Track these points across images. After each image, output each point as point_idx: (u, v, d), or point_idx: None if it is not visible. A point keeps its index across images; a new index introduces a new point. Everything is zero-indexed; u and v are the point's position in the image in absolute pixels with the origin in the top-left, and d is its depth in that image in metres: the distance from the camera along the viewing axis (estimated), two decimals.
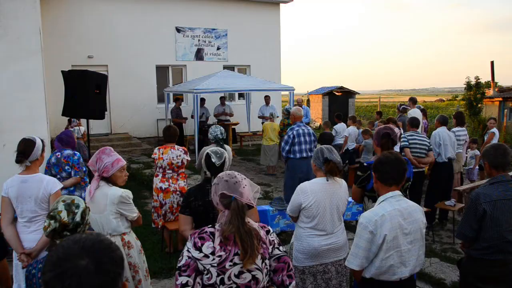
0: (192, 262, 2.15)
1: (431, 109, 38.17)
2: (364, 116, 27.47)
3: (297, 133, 6.74)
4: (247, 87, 12.86)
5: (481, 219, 3.15)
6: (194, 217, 3.34)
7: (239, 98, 16.74)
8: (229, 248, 2.16)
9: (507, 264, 3.23)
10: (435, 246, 6.41)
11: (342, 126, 10.57)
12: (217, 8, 15.82)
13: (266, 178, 10.45)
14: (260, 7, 16.68)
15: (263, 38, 16.70)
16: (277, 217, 6.19)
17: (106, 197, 3.50)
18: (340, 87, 23.47)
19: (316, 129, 21.10)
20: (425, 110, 10.67)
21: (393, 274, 2.68)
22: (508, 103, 22.75)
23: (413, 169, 6.44)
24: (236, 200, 2.20)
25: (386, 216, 2.65)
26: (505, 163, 3.25)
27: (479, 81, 17.79)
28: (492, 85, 25.41)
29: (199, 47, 15.76)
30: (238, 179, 2.28)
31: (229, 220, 2.17)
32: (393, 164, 2.79)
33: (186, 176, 5.96)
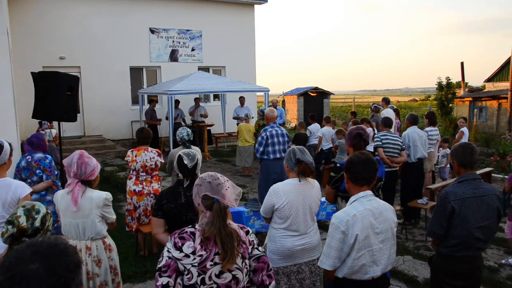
0: (173, 263, 2.14)
1: (405, 109, 38.85)
2: (339, 116, 27.77)
3: (271, 134, 6.77)
4: (222, 88, 12.85)
5: (450, 217, 3.21)
6: (166, 220, 3.33)
7: (214, 99, 16.72)
8: (209, 247, 2.16)
9: (475, 260, 3.32)
10: (408, 244, 6.51)
11: (316, 127, 10.65)
12: (191, 9, 15.76)
13: (241, 179, 10.45)
14: (235, 8, 16.69)
15: (238, 39, 16.71)
16: (252, 218, 6.19)
17: (91, 200, 3.49)
18: (315, 88, 23.65)
19: (291, 129, 21.21)
20: (398, 110, 10.85)
21: (365, 273, 2.71)
22: (478, 103, 23.34)
23: (387, 169, 6.55)
24: (219, 202, 2.20)
25: (357, 216, 2.68)
26: (472, 161, 3.32)
27: (450, 81, 18.20)
28: (462, 85, 26.04)
29: (173, 48, 15.67)
30: (221, 181, 2.29)
31: (211, 222, 2.17)
32: (364, 164, 2.82)
33: (160, 178, 5.92)
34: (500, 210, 3.30)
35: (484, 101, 23.16)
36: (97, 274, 3.53)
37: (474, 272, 3.34)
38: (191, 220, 3.23)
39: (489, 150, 15.14)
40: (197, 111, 14.01)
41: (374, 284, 2.77)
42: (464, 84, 26.57)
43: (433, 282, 3.53)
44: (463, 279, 3.31)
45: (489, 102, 22.84)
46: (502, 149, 13.70)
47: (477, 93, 24.77)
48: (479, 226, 3.20)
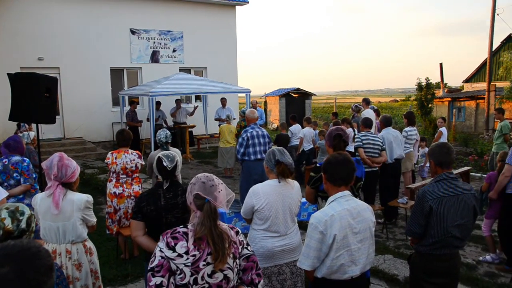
0: (165, 262, 2.15)
1: (386, 109, 39.27)
2: (321, 117, 27.93)
3: (251, 135, 6.78)
4: (203, 89, 12.82)
5: (428, 215, 3.25)
6: (146, 223, 3.30)
7: (196, 101, 16.66)
8: (202, 248, 2.18)
9: (453, 258, 3.36)
10: (389, 243, 6.58)
11: (297, 128, 10.69)
12: (172, 10, 15.70)
13: (223, 181, 10.30)
14: (216, 9, 16.67)
15: (219, 40, 16.70)
16: (233, 220, 6.20)
17: (72, 203, 3.47)
18: (297, 89, 23.75)
19: (273, 130, 21.26)
20: (378, 110, 10.95)
21: (344, 273, 2.73)
22: (456, 103, 23.74)
23: (367, 169, 6.61)
24: (210, 203, 2.22)
25: (335, 216, 2.69)
26: (449, 161, 3.37)
27: (429, 82, 18.48)
28: (441, 86, 26.46)
29: (154, 49, 15.58)
30: (215, 183, 2.32)
31: (201, 222, 2.19)
32: (341, 164, 2.84)
33: (141, 180, 5.87)
34: (476, 209, 3.36)
35: (462, 102, 23.58)
36: (77, 278, 3.49)
37: (452, 269, 3.39)
38: (170, 223, 3.22)
39: (467, 149, 15.40)
40: (178, 113, 13.95)
41: (353, 284, 2.79)
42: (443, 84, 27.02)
43: (412, 280, 3.57)
44: (441, 277, 3.35)
45: (467, 102, 23.26)
46: (480, 148, 13.95)
47: (456, 94, 25.21)
48: (456, 225, 3.25)
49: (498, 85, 21.13)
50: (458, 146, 16.47)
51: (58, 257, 3.41)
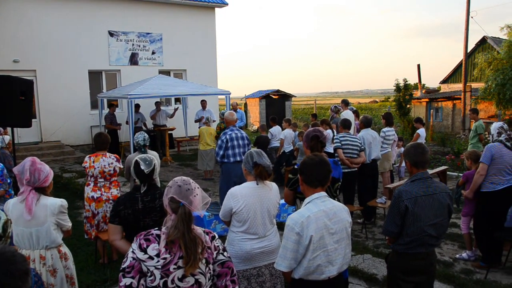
0: (137, 264, 2.15)
1: (365, 110, 39.69)
2: (301, 118, 28.08)
3: (230, 137, 6.79)
4: (183, 91, 12.77)
5: (404, 215, 3.30)
6: (124, 226, 3.28)
7: (176, 103, 16.58)
8: (174, 251, 2.17)
9: (429, 256, 3.42)
10: (368, 243, 6.64)
11: (277, 129, 10.73)
12: (151, 12, 15.60)
13: (203, 183, 10.41)
14: (195, 11, 16.63)
15: (199, 42, 16.66)
16: (213, 222, 6.19)
17: (45, 208, 3.42)
18: (277, 91, 23.84)
19: (254, 132, 21.30)
20: (357, 111, 11.06)
21: (321, 274, 2.74)
22: (434, 103, 24.14)
23: (346, 170, 6.68)
24: (184, 207, 2.21)
25: (311, 217, 2.71)
26: (424, 161, 3.43)
27: (407, 83, 18.74)
28: (419, 86, 26.86)
29: (133, 51, 15.46)
30: (191, 187, 2.31)
31: (175, 225, 2.18)
32: (317, 166, 2.86)
33: (119, 184, 5.82)
34: (450, 207, 3.43)
35: (439, 102, 23.98)
36: (52, 285, 3.44)
37: (428, 267, 3.45)
38: (148, 226, 3.20)
39: (445, 149, 15.67)
40: (158, 115, 13.87)
41: (330, 284, 2.80)
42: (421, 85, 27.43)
43: (390, 279, 3.62)
44: (418, 275, 3.41)
45: (445, 103, 23.67)
46: (456, 148, 14.20)
47: (433, 94, 25.63)
48: (432, 224, 3.31)
49: (473, 86, 21.56)
50: (436, 146, 16.75)
51: (32, 263, 3.36)
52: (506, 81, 14.77)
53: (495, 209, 5.46)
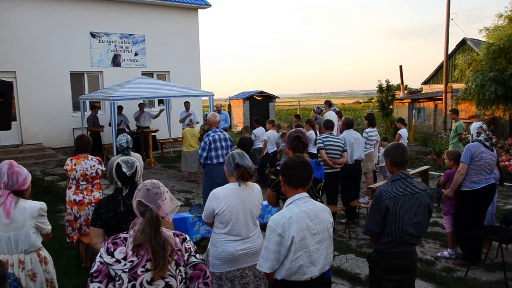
0: (104, 268, 2.13)
1: (349, 111, 39.99)
2: (285, 120, 28.15)
3: (213, 139, 6.78)
4: (166, 93, 12.70)
5: (385, 214, 3.33)
6: (105, 229, 3.26)
7: (159, 105, 16.49)
8: (141, 253, 2.15)
9: (410, 255, 3.47)
10: (351, 243, 6.69)
11: (261, 130, 10.75)
12: (133, 13, 15.49)
13: (187, 185, 10.37)
14: (178, 12, 16.57)
15: (182, 44, 16.60)
16: (197, 224, 6.17)
17: (24, 211, 3.36)
18: (261, 92, 23.88)
19: (238, 133, 21.29)
20: (340, 112, 11.13)
21: (304, 274, 2.75)
22: (416, 104, 24.44)
23: (329, 170, 6.72)
24: (152, 211, 2.19)
25: (293, 218, 2.72)
26: (404, 161, 3.48)
27: (389, 84, 18.92)
28: (401, 87, 27.16)
29: (115, 53, 15.33)
30: (160, 191, 2.29)
31: (142, 229, 2.16)
32: (299, 167, 2.87)
33: (102, 187, 5.77)
34: (430, 207, 3.48)
35: (421, 103, 24.30)
36: None
37: (409, 266, 3.49)
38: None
39: (427, 149, 15.87)
40: (142, 117, 13.78)
41: (312, 285, 2.82)
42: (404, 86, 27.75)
43: (372, 278, 3.65)
44: (399, 274, 3.45)
45: (427, 103, 23.99)
46: (438, 147, 14.39)
47: (415, 95, 25.96)
48: (412, 223, 3.35)
49: (454, 86, 21.89)
50: (418, 146, 16.95)
51: (10, 268, 3.30)
52: (485, 82, 15.01)
53: (475, 208, 5.56)
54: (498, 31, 15.60)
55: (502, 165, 10.54)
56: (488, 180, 5.50)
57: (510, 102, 15.37)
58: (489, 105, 15.69)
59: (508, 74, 14.53)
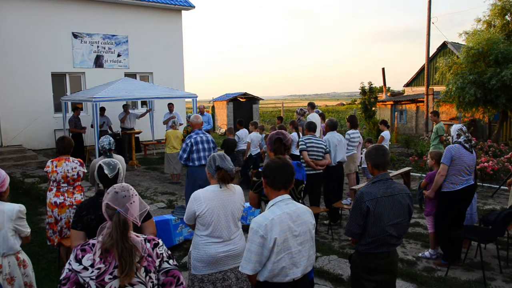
0: (73, 275, 2.09)
1: (332, 112, 40.27)
2: (269, 121, 28.22)
3: (195, 140, 6.79)
4: (149, 94, 12.64)
5: (366, 216, 3.36)
6: (87, 232, 3.22)
7: (142, 106, 16.39)
8: (109, 260, 2.10)
9: (390, 255, 3.50)
10: (334, 244, 6.73)
11: (244, 132, 10.75)
12: (116, 14, 15.37)
13: (170, 187, 10.32)
14: (162, 13, 16.50)
15: (166, 45, 16.54)
16: (180, 226, 6.14)
17: (3, 214, 3.32)
18: (244, 94, 23.89)
19: (221, 135, 21.27)
20: (323, 114, 11.20)
21: (286, 276, 2.76)
22: (398, 106, 24.72)
23: (312, 172, 6.76)
24: (119, 214, 2.16)
25: (275, 219, 2.73)
26: (385, 162, 3.52)
27: (371, 86, 19.11)
28: (384, 89, 27.45)
29: (98, 53, 15.19)
30: (128, 194, 2.25)
31: (110, 233, 2.13)
32: (280, 169, 2.88)
33: (83, 189, 5.70)
34: (410, 208, 3.52)
35: (404, 105, 24.58)
36: None
37: (390, 266, 3.52)
38: None
39: (409, 150, 16.06)
40: (127, 118, 13.66)
41: (295, 286, 2.82)
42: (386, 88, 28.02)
43: (353, 279, 3.68)
44: (380, 274, 3.48)
45: (408, 105, 24.27)
46: (420, 149, 14.57)
47: (398, 97, 26.24)
48: (392, 224, 3.38)
49: (435, 89, 22.19)
50: (400, 148, 17.15)
51: None
52: (465, 84, 15.26)
53: (455, 208, 5.65)
54: (477, 35, 15.88)
55: (482, 166, 10.73)
56: (467, 181, 5.60)
57: (489, 105, 15.66)
58: (469, 108, 15.96)
59: (486, 77, 14.81)
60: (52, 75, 14.38)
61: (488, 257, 6.00)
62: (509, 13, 16.27)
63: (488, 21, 16.83)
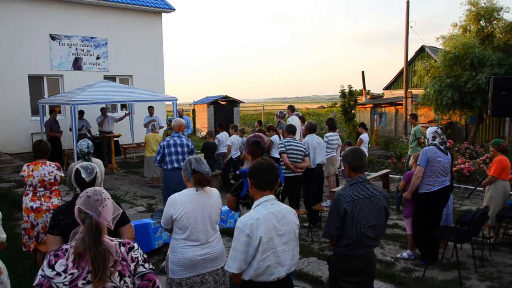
0: (46, 281, 2.06)
1: (313, 115, 40.49)
2: (250, 124, 28.24)
3: (167, 143, 6.81)
4: (129, 97, 12.53)
5: (343, 218, 3.40)
6: (63, 237, 3.19)
7: (122, 109, 16.24)
8: (82, 265, 2.09)
9: (368, 257, 3.54)
10: (313, 246, 6.77)
11: (224, 135, 10.75)
12: (95, 16, 15.21)
13: (150, 191, 10.25)
14: (141, 15, 16.39)
15: (146, 48, 16.43)
16: (159, 230, 6.10)
17: None
18: (225, 97, 23.88)
19: (202, 138, 21.20)
20: (303, 117, 11.27)
21: (271, 274, 2.79)
22: (378, 109, 25.01)
23: (291, 174, 6.80)
24: (92, 218, 2.14)
25: (261, 219, 2.78)
26: (361, 165, 3.56)
27: (351, 89, 19.29)
28: (364, 92, 27.76)
29: (77, 56, 15.00)
30: (101, 197, 2.24)
31: (82, 237, 2.11)
32: (266, 169, 2.95)
33: (61, 193, 5.63)
34: (387, 210, 3.57)
35: (383, 108, 24.88)
36: None
37: (368, 268, 3.56)
38: None
39: (388, 152, 16.26)
40: (106, 121, 13.52)
41: (279, 285, 2.86)
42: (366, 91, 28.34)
43: (331, 280, 3.71)
44: (358, 275, 3.51)
45: (388, 108, 24.58)
46: (398, 151, 14.76)
47: (377, 100, 26.57)
48: (370, 225, 3.42)
49: (414, 92, 22.54)
50: (380, 150, 17.35)
51: None
52: (443, 88, 15.54)
53: (432, 209, 5.74)
54: (453, 39, 16.19)
55: (458, 167, 10.93)
56: (443, 182, 5.70)
57: (465, 108, 15.96)
58: (446, 110, 16.24)
59: (463, 80, 15.10)
60: (29, 77, 14.15)
61: (464, 257, 6.11)
62: (483, 19, 16.62)
63: (464, 26, 17.17)
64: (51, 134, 12.40)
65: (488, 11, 16.32)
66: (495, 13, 16.36)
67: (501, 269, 5.81)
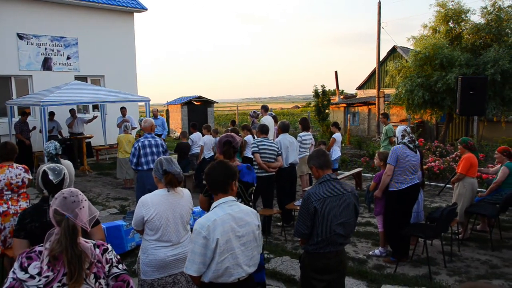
0: (17, 284, 2.03)
1: (288, 115, 40.69)
2: (224, 125, 28.19)
3: (143, 144, 6.77)
4: (101, 98, 12.32)
5: (313, 216, 3.43)
6: (30, 240, 3.12)
7: (94, 110, 15.98)
8: (57, 268, 2.06)
9: (338, 254, 3.58)
10: (287, 245, 6.80)
11: (197, 136, 10.70)
12: (65, 15, 14.90)
13: (123, 192, 10.12)
14: (113, 15, 16.15)
15: (118, 48, 16.19)
16: (132, 232, 6.04)
17: None
18: (199, 97, 23.77)
19: (176, 139, 21.04)
20: (276, 117, 11.31)
21: (230, 276, 2.78)
22: (351, 108, 25.30)
23: (264, 174, 6.82)
24: (68, 220, 2.12)
25: (217, 221, 2.75)
26: (327, 161, 3.63)
27: (324, 89, 19.46)
28: (337, 92, 28.03)
29: (46, 56, 14.67)
30: (78, 199, 2.22)
31: (58, 239, 2.08)
32: (217, 172, 2.92)
33: (29, 196, 5.50)
34: (356, 207, 3.62)
35: (356, 107, 25.19)
36: None
37: (339, 265, 3.60)
38: None
39: (361, 151, 16.47)
40: (75, 123, 13.29)
41: (240, 286, 2.85)
42: (339, 91, 28.62)
43: (303, 279, 3.74)
44: (329, 273, 3.55)
45: (361, 108, 24.90)
46: (371, 150, 14.97)
47: (350, 100, 26.88)
48: (339, 223, 3.47)
49: (386, 91, 22.89)
50: (353, 149, 17.55)
51: None
52: (414, 87, 15.83)
53: (402, 207, 5.85)
54: (423, 40, 16.51)
55: (429, 165, 11.16)
56: (412, 180, 5.80)
57: (436, 107, 16.30)
58: (417, 110, 16.54)
59: (433, 80, 15.41)
60: None
61: (434, 253, 6.25)
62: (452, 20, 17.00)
63: (433, 27, 17.52)
64: (20, 137, 12.11)
65: (456, 12, 16.70)
66: (463, 14, 16.75)
67: (469, 263, 5.96)
